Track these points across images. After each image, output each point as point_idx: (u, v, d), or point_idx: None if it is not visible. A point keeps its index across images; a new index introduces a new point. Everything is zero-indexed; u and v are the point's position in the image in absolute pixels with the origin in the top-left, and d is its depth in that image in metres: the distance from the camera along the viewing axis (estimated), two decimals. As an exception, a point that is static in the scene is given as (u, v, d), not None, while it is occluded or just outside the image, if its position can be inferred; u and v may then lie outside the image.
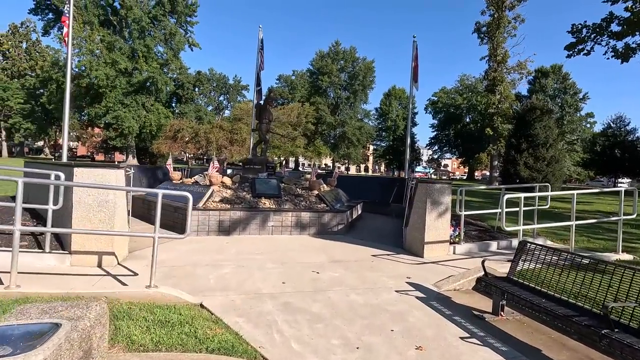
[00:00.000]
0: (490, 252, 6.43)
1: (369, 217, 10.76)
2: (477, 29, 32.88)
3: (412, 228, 6.33)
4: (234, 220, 7.12)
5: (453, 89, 68.11)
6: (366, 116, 69.94)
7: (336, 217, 7.81)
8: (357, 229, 8.53)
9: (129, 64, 39.43)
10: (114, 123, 38.97)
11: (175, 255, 5.41)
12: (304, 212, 7.58)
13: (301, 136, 53.08)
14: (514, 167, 25.80)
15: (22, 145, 53.49)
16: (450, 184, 6.22)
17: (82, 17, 36.90)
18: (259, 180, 8.49)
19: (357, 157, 67.31)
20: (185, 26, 46.52)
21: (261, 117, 9.89)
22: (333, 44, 63.02)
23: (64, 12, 9.98)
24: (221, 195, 7.79)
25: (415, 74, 12.91)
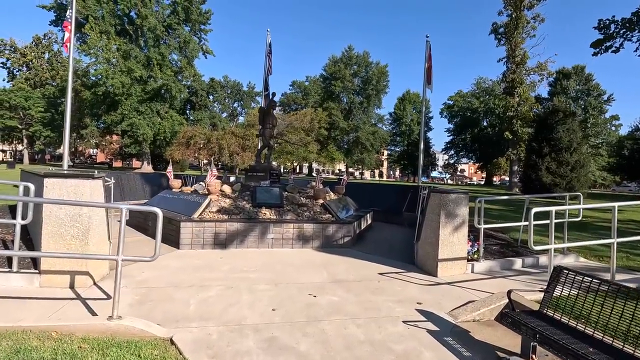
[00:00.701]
0: (514, 271, 5.69)
1: (380, 227, 10.11)
2: (494, 29, 31.81)
3: (424, 243, 5.67)
4: (231, 233, 6.62)
5: (469, 93, 66.60)
6: (380, 121, 69.14)
7: (342, 228, 7.21)
8: (365, 241, 7.89)
9: (144, 72, 40.03)
10: (129, 130, 39.53)
11: (159, 274, 4.92)
12: (307, 224, 7.02)
13: (314, 142, 52.74)
14: (536, 173, 24.54)
15: (44, 152, 55.01)
16: (467, 194, 5.54)
17: (99, 27, 37.72)
18: (260, 188, 7.98)
19: (370, 162, 66.43)
20: (199, 34, 47.07)
21: (265, 122, 9.43)
22: (346, 49, 62.79)
23: (67, 17, 9.83)
24: (219, 205, 7.31)
25: (429, 75, 12.23)
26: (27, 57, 52.71)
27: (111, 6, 39.18)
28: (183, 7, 43.31)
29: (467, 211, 5.51)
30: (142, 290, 4.26)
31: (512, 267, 5.80)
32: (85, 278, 4.23)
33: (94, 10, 38.07)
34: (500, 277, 5.29)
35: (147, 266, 5.24)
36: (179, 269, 5.20)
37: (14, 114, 45.64)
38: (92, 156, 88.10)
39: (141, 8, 39.97)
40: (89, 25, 36.86)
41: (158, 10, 42.70)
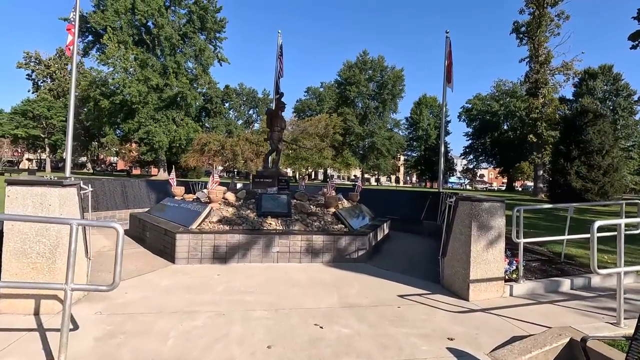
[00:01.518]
0: (561, 294, 4.77)
1: (397, 237, 9.26)
2: (516, 28, 30.49)
3: (453, 259, 4.84)
4: (232, 245, 5.95)
5: (488, 95, 64.72)
6: (396, 126, 67.98)
7: (356, 240, 6.43)
8: (382, 254, 7.09)
9: (160, 80, 40.50)
10: (145, 138, 39.94)
11: (144, 296, 4.27)
12: (316, 235, 6.28)
13: (329, 147, 52.13)
14: (564, 177, 23.04)
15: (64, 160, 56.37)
16: (503, 202, 4.69)
17: (117, 37, 38.45)
18: (266, 196, 7.31)
19: (387, 168, 65.23)
20: (214, 42, 47.50)
21: (273, 124, 8.81)
22: (361, 54, 62.20)
23: (70, 19, 9.58)
24: (220, 215, 6.67)
25: (449, 73, 11.39)
26: (50, 69, 54.50)
27: (129, 17, 39.95)
28: (198, 16, 43.84)
29: (503, 222, 4.66)
30: (118, 318, 3.62)
31: (558, 289, 4.88)
32: (53, 303, 3.62)
33: (113, 21, 38.90)
34: (547, 303, 4.40)
35: (132, 285, 4.62)
36: (168, 289, 4.55)
37: (37, 124, 47.02)
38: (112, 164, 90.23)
39: (158, 18, 40.62)
40: (107, 36, 37.61)
41: (174, 20, 43.33)
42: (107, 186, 9.64)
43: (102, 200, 9.32)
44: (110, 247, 6.80)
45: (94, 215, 8.97)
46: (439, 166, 11.19)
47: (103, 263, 5.61)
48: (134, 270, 5.33)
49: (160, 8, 40.92)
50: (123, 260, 5.72)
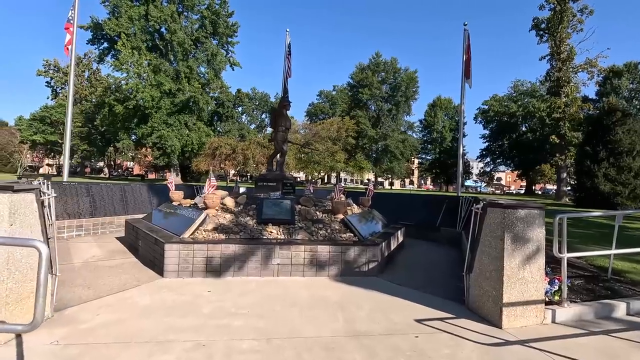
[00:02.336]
0: (618, 321, 3.94)
1: (413, 246, 8.49)
2: (535, 25, 29.21)
3: (480, 277, 4.08)
4: (227, 257, 5.32)
5: (506, 96, 62.89)
6: (410, 128, 66.78)
7: (366, 251, 5.72)
8: (396, 267, 6.35)
9: (173, 85, 40.72)
10: (158, 142, 40.14)
11: (117, 318, 3.67)
12: (322, 245, 5.59)
13: (341, 151, 51.46)
14: (591, 180, 21.70)
15: (83, 165, 57.47)
16: (542, 210, 3.91)
17: (131, 43, 38.87)
18: (267, 201, 6.68)
19: (400, 171, 64.04)
20: (226, 47, 47.62)
21: (276, 124, 8.20)
22: (373, 56, 61.51)
23: (69, 18, 9.24)
24: (216, 222, 6.07)
25: (467, 68, 10.59)
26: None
27: (142, 23, 40.38)
28: (211, 21, 44.04)
29: (543, 234, 3.87)
30: (75, 350, 3.01)
31: (612, 314, 4.05)
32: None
33: (127, 27, 39.36)
34: (601, 333, 3.59)
35: (107, 305, 4.03)
36: (147, 309, 3.94)
37: (55, 129, 47.99)
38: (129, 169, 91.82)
39: (171, 23, 40.94)
40: (121, 42, 38.05)
41: (187, 25, 43.63)
42: (105, 191, 9.21)
43: (99, 206, 8.88)
44: (99, 257, 6.29)
45: (90, 221, 8.54)
46: (457, 168, 10.35)
47: (85, 276, 5.07)
48: (117, 285, 4.75)
49: (173, 14, 41.26)
50: (111, 272, 5.19)
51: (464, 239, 7.99)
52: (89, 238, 8.08)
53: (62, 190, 8.19)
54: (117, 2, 39.15)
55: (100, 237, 8.29)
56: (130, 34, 39.79)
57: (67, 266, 5.58)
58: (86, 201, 8.61)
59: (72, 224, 8.13)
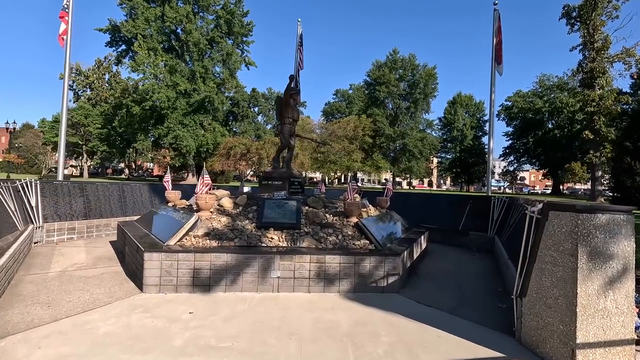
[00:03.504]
0: None
1: (439, 253, 7.44)
2: (566, 13, 27.24)
3: (540, 304, 3.05)
4: (217, 269, 4.47)
5: (530, 92, 59.99)
6: (429, 126, 64.77)
7: (385, 262, 4.75)
8: (421, 281, 5.34)
9: (189, 85, 40.64)
10: (173, 143, 40.15)
11: (61, 354, 2.85)
12: (331, 255, 4.66)
13: (358, 150, 50.30)
14: (632, 178, 19.85)
15: (103, 166, 58.56)
16: (630, 214, 2.84)
17: (147, 45, 39.01)
18: (269, 202, 5.81)
19: (419, 171, 62.18)
20: (241, 46, 47.27)
21: (282, 115, 7.31)
22: (391, 53, 59.96)
23: (63, 6, 8.66)
24: (209, 227, 5.23)
25: (498, 52, 9.41)
26: (89, 79, 56.91)
27: (158, 24, 40.48)
28: (226, 20, 43.75)
29: (632, 248, 2.81)
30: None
31: None
32: None
33: (143, 29, 39.54)
34: None
35: (59, 332, 3.23)
36: (104, 341, 3.11)
37: (76, 131, 48.97)
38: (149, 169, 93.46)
39: (186, 24, 40.88)
40: (138, 43, 38.23)
41: (202, 25, 43.54)
42: (102, 191, 8.57)
43: (94, 207, 8.25)
44: (81, 265, 5.57)
45: (83, 224, 7.90)
46: (487, 164, 9.20)
47: (52, 290, 4.32)
48: (84, 302, 3.97)
49: (188, 14, 41.19)
50: (86, 284, 4.42)
51: (499, 245, 6.89)
52: (80, 242, 7.44)
53: (53, 190, 7.59)
54: (133, 4, 39.37)
55: (93, 241, 7.64)
56: (147, 36, 39.94)
57: (39, 277, 4.87)
58: (80, 202, 7.98)
59: (63, 226, 7.50)
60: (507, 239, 6.71)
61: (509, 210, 7.74)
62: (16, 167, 50.97)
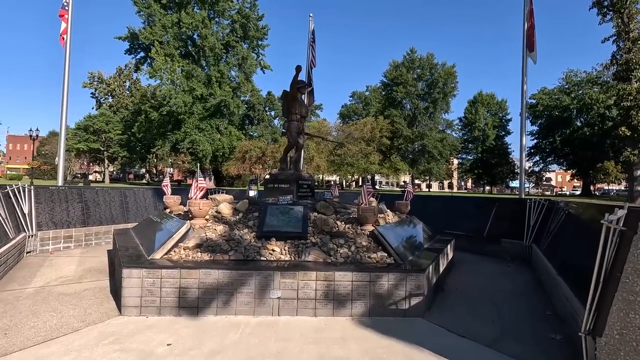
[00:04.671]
0: None
1: (467, 265, 6.56)
2: (597, 2, 25.53)
3: (627, 349, 2.19)
4: (207, 287, 3.80)
5: (556, 89, 57.27)
6: (449, 127, 62.89)
7: (406, 279, 3.95)
8: (450, 301, 4.51)
9: (205, 90, 40.82)
10: (190, 147, 40.34)
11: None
12: (341, 272, 3.91)
13: (375, 152, 49.26)
14: (678, 178, 18.09)
15: (125, 171, 59.77)
16: None
17: (164, 51, 39.44)
18: (272, 208, 5.11)
19: (439, 172, 60.37)
20: (257, 50, 47.25)
21: (289, 111, 6.63)
22: (408, 52, 58.68)
23: (63, 4, 8.31)
24: (202, 237, 4.58)
25: (530, 38, 8.45)
26: (111, 87, 58.37)
27: (175, 30, 40.91)
28: (241, 25, 43.82)
29: None
30: None
31: None
32: None
33: (160, 35, 40.03)
34: None
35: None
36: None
37: (97, 138, 50.15)
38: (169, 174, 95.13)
39: (202, 29, 41.15)
40: (155, 50, 38.69)
41: (217, 30, 43.76)
42: (102, 196, 8.12)
43: (94, 213, 7.80)
44: (65, 279, 5.03)
45: (81, 231, 7.44)
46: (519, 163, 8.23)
47: (19, 312, 3.74)
48: (48, 329, 3.38)
49: (204, 19, 41.47)
50: (61, 303, 3.85)
51: (539, 255, 5.94)
52: (76, 251, 6.97)
53: (49, 196, 7.17)
54: (151, 12, 39.96)
55: (90, 250, 7.17)
56: (164, 42, 40.42)
57: (13, 294, 4.34)
58: (77, 208, 7.54)
59: (58, 234, 7.06)
60: (549, 248, 5.77)
61: (548, 215, 6.78)
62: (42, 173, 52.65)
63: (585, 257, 3.71)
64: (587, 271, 3.41)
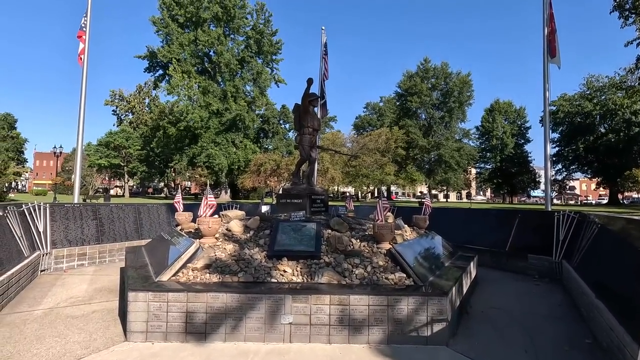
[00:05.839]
0: None
1: (491, 282, 6.16)
2: (619, 5, 24.78)
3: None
4: (215, 312, 3.60)
5: (577, 95, 55.66)
6: (465, 136, 61.86)
7: (428, 303, 3.66)
8: (475, 324, 4.16)
9: (221, 105, 41.57)
10: (206, 161, 40.93)
11: None
12: (357, 295, 3.65)
13: (391, 162, 48.75)
14: None
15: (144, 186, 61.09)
16: None
17: (182, 68, 40.53)
18: (284, 226, 4.92)
19: (457, 182, 59.16)
20: (271, 64, 48.01)
21: (302, 124, 6.49)
22: (422, 62, 58.48)
23: (81, 26, 8.54)
24: (211, 257, 4.42)
25: (552, 43, 8.12)
26: (131, 104, 60.31)
27: (192, 48, 42.09)
28: (255, 41, 44.73)
29: None
30: None
31: None
32: None
33: (178, 53, 41.25)
34: None
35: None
36: None
37: (117, 153, 51.63)
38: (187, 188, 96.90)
39: (218, 46, 42.19)
40: (173, 67, 39.81)
41: (233, 46, 44.78)
42: (116, 213, 8.13)
43: (108, 230, 7.79)
44: (75, 300, 4.94)
45: (95, 248, 7.43)
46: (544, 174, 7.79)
47: (23, 337, 3.63)
48: (53, 356, 3.26)
49: (219, 36, 42.54)
50: (67, 327, 3.71)
51: (572, 274, 5.48)
52: (89, 269, 6.94)
53: (64, 213, 7.20)
54: (169, 31, 41.32)
55: (103, 267, 7.12)
56: (181, 59, 41.58)
57: (22, 316, 4.26)
58: (92, 225, 7.55)
59: (73, 252, 7.06)
60: (583, 266, 5.33)
61: (579, 229, 6.32)
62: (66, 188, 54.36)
63: (631, 281, 3.34)
64: (635, 298, 3.05)
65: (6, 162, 27.86)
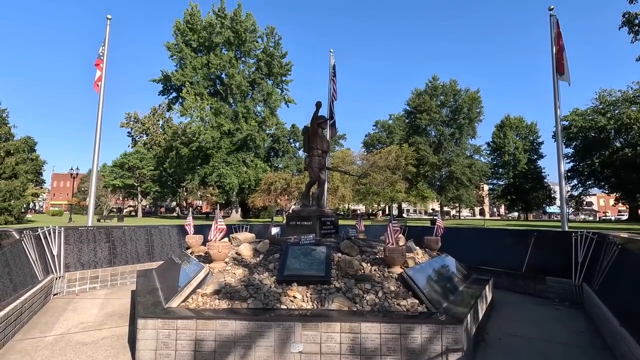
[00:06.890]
0: None
1: (507, 306, 5.95)
2: (628, 20, 24.65)
3: None
4: (224, 340, 3.55)
5: (590, 109, 55.00)
6: (476, 152, 61.40)
7: (442, 332, 3.53)
8: (492, 353, 4.00)
9: (232, 125, 42.40)
10: (217, 180, 41.42)
11: None
12: (368, 323, 3.56)
13: (401, 180, 48.46)
14: None
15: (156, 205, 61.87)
16: None
17: (194, 90, 41.71)
18: (294, 249, 4.88)
19: (469, 199, 58.31)
20: (281, 85, 49.05)
21: (311, 146, 6.54)
22: (430, 80, 58.97)
23: (99, 54, 8.92)
24: (221, 282, 4.39)
25: (560, 61, 8.10)
26: (145, 125, 61.97)
27: (205, 71, 43.43)
28: (266, 63, 45.92)
29: None
30: None
31: None
32: None
33: (191, 76, 42.58)
34: None
35: None
36: None
37: (132, 174, 52.72)
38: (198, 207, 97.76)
39: (229, 69, 43.44)
40: (186, 90, 41.00)
41: (244, 69, 46.03)
42: (128, 235, 8.22)
43: (120, 253, 7.86)
44: (86, 326, 4.94)
45: (107, 271, 7.48)
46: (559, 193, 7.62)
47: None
48: (60, 386, 3.21)
49: (231, 59, 43.84)
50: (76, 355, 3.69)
51: (594, 298, 5.25)
52: (101, 292, 6.97)
53: (78, 237, 7.31)
54: (182, 55, 42.82)
55: (115, 290, 7.15)
56: (194, 82, 42.87)
57: (32, 343, 4.27)
58: (105, 248, 7.64)
59: (85, 275, 7.12)
60: (604, 290, 5.11)
61: (598, 250, 6.10)
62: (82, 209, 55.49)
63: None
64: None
65: (25, 184, 28.67)
